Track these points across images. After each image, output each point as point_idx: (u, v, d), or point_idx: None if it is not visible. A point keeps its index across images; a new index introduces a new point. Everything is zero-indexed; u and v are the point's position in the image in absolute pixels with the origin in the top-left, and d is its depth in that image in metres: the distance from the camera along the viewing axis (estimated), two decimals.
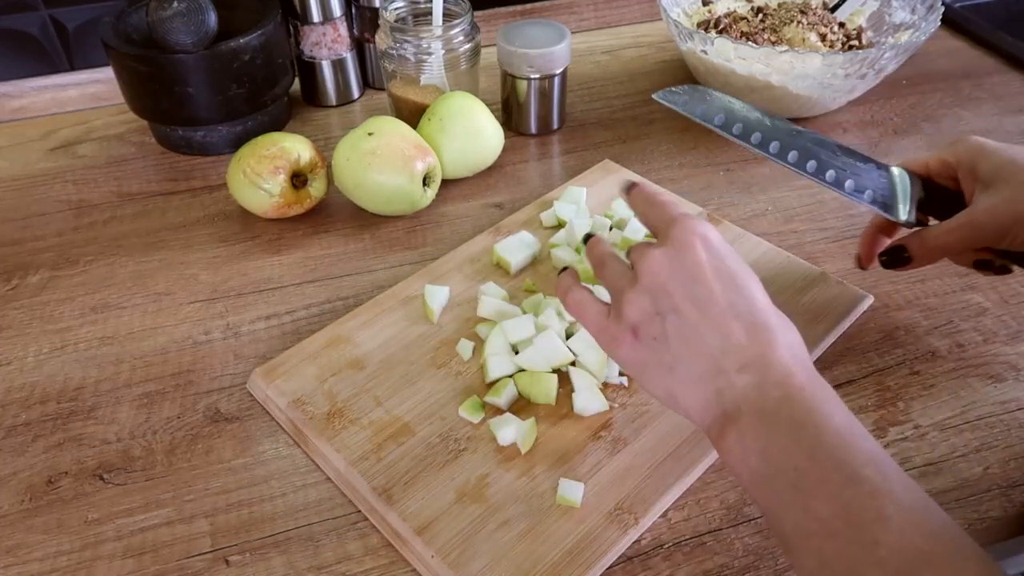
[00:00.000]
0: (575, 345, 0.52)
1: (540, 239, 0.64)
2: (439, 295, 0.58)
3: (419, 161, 0.65)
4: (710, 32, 0.80)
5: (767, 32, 0.80)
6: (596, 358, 0.51)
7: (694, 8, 0.88)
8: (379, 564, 0.45)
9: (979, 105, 0.83)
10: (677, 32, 0.77)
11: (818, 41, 0.77)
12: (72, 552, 0.46)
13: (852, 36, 0.80)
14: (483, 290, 0.58)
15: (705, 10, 0.87)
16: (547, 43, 0.73)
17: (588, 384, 0.51)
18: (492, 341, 0.53)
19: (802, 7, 0.83)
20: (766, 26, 0.80)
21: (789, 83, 0.73)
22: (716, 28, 0.81)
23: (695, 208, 0.69)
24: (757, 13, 0.83)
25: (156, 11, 0.68)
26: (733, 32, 0.80)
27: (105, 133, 0.82)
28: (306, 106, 0.86)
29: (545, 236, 0.65)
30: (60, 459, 0.51)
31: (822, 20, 0.80)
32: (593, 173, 0.72)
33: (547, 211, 0.67)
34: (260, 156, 0.65)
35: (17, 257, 0.67)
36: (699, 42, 0.75)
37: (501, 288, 0.59)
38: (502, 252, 0.61)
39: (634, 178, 0.70)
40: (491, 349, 0.53)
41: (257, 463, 0.50)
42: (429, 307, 0.57)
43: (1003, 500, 0.47)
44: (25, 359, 0.57)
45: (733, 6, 0.87)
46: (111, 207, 0.72)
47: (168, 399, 0.54)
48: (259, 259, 0.66)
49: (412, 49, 0.73)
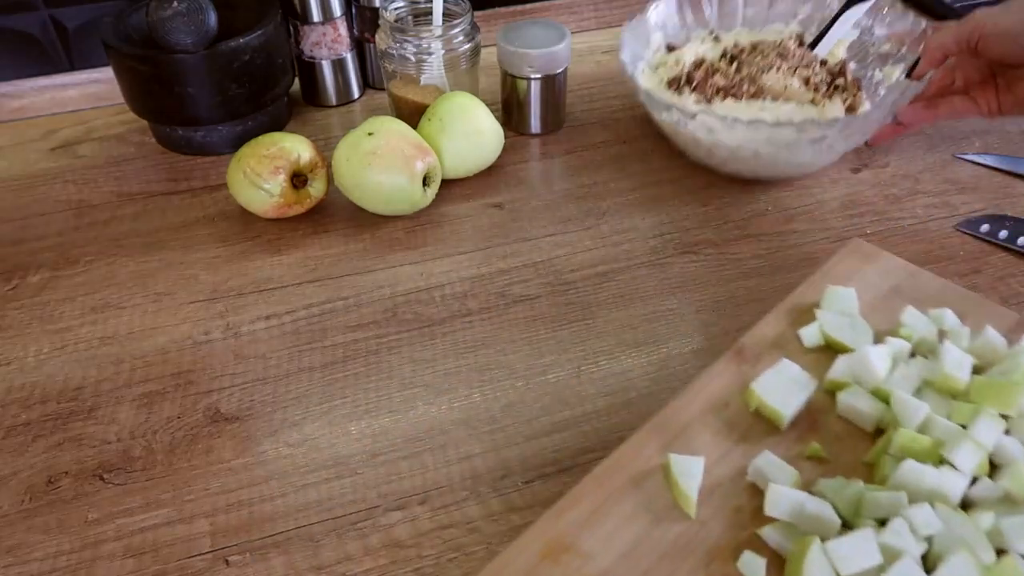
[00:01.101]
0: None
1: (810, 370, 0.45)
2: (692, 471, 0.40)
3: (419, 161, 0.65)
4: (683, 90, 0.72)
5: (745, 83, 0.71)
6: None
7: (658, 57, 0.79)
8: (379, 564, 0.45)
9: None
10: (650, 103, 0.68)
11: (801, 86, 0.71)
12: (72, 552, 0.46)
13: (836, 73, 0.73)
14: (760, 467, 0.40)
15: (672, 61, 0.77)
16: (547, 43, 0.73)
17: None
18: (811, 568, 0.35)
19: (780, 50, 0.74)
20: (743, 76, 0.72)
21: (779, 153, 0.66)
22: (689, 85, 0.72)
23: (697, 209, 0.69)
24: (731, 61, 0.75)
25: (156, 11, 0.68)
26: (708, 89, 0.71)
27: (105, 133, 0.82)
28: (306, 106, 0.86)
29: (813, 364, 0.46)
30: (60, 459, 0.51)
31: (802, 61, 0.73)
32: (845, 262, 0.53)
33: (808, 327, 0.48)
34: (260, 156, 0.65)
35: (17, 257, 0.67)
36: (677, 115, 0.66)
37: (785, 463, 0.40)
38: (766, 396, 0.43)
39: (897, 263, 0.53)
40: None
41: (257, 463, 0.50)
42: (684, 493, 0.39)
43: None
44: (25, 359, 0.57)
45: (700, 49, 0.79)
46: (111, 207, 0.72)
47: (168, 399, 0.54)
48: (259, 259, 0.66)
49: (412, 49, 0.73)
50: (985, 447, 0.39)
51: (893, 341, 0.46)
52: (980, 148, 0.76)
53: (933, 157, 0.75)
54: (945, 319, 0.48)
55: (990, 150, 0.76)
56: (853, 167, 0.74)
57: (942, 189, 0.71)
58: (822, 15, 0.78)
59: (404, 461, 0.50)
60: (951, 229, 0.66)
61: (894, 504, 0.37)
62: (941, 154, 0.76)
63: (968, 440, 0.39)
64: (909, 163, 0.75)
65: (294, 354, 0.57)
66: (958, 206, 0.69)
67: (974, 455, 0.38)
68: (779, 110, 0.69)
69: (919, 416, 0.41)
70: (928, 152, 0.76)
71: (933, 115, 0.65)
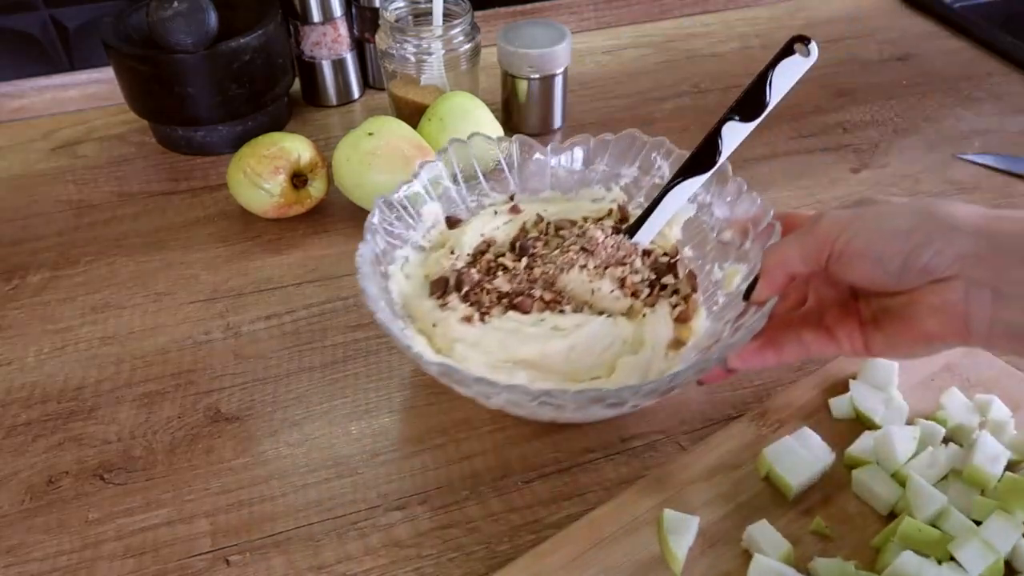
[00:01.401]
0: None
1: (831, 439, 0.43)
2: (686, 530, 0.39)
3: (419, 161, 0.65)
4: (449, 298, 0.52)
5: (538, 287, 0.52)
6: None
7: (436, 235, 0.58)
8: (379, 564, 0.45)
9: (979, 105, 0.83)
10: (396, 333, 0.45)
11: (616, 291, 0.52)
12: (72, 552, 0.46)
13: (664, 268, 0.54)
14: (754, 535, 0.39)
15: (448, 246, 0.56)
16: (547, 43, 0.73)
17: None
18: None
19: (585, 242, 0.53)
20: (535, 278, 0.53)
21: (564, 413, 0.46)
22: (458, 291, 0.52)
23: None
24: (520, 255, 0.55)
25: (156, 11, 0.68)
26: (487, 295, 0.52)
27: (105, 133, 0.82)
28: (306, 106, 0.86)
29: (837, 434, 0.43)
30: (60, 459, 0.51)
31: (614, 255, 0.53)
32: None
33: (839, 397, 0.45)
34: (260, 156, 0.65)
35: (17, 257, 0.67)
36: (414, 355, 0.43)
37: (779, 535, 0.39)
38: (776, 464, 0.41)
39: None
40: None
41: (257, 463, 0.50)
42: (672, 551, 0.38)
43: None
44: (25, 359, 0.57)
45: (489, 226, 0.58)
46: (111, 207, 0.72)
47: (168, 399, 0.54)
48: (259, 259, 0.66)
49: (412, 49, 0.73)
50: (996, 549, 0.36)
51: (924, 423, 0.43)
52: (980, 148, 0.76)
53: (933, 157, 0.75)
54: (991, 407, 0.44)
55: (990, 150, 0.76)
56: (853, 167, 0.74)
57: (942, 189, 0.71)
58: (651, 182, 0.58)
59: (404, 461, 0.50)
60: None
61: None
62: (941, 154, 0.76)
63: (977, 539, 0.36)
64: (909, 163, 0.75)
65: (294, 354, 0.57)
66: None
67: (983, 556, 0.36)
68: (578, 333, 0.49)
69: (934, 506, 0.38)
70: (928, 152, 0.76)
71: (776, 359, 0.44)
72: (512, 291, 0.52)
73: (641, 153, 0.58)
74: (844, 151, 0.77)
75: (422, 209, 0.56)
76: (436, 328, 0.50)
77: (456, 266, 0.54)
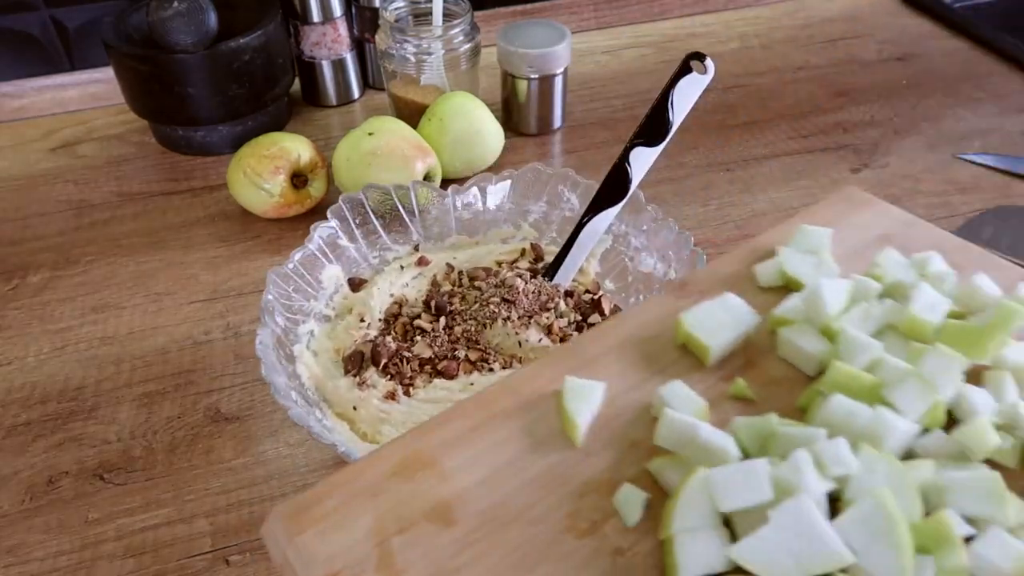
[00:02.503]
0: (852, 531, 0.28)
1: (757, 307, 0.38)
2: (589, 397, 0.34)
3: (419, 161, 0.65)
4: (366, 373, 0.48)
5: (461, 347, 0.49)
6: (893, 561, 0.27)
7: (340, 301, 0.54)
8: None
9: (979, 105, 0.83)
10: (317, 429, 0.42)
11: (543, 338, 0.50)
12: (72, 552, 0.46)
13: (588, 306, 0.52)
14: (664, 395, 0.34)
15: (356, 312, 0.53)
16: (547, 43, 0.73)
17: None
18: (687, 502, 0.29)
19: (505, 291, 0.50)
20: (456, 337, 0.50)
21: None
22: (375, 364, 0.49)
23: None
24: (438, 315, 0.51)
25: (156, 11, 0.68)
26: (408, 364, 0.48)
27: (105, 133, 0.82)
28: (306, 106, 0.86)
29: (765, 303, 0.39)
30: (60, 459, 0.51)
31: (537, 301, 0.51)
32: (834, 206, 0.46)
33: (766, 262, 0.41)
34: (260, 156, 0.65)
35: (17, 257, 0.67)
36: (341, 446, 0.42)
37: (695, 393, 0.34)
38: (694, 328, 0.37)
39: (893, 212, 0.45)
40: (684, 519, 0.29)
41: (257, 463, 0.50)
42: (571, 418, 0.34)
43: None
44: (25, 359, 0.57)
45: (397, 284, 0.55)
46: (111, 207, 0.72)
47: (168, 399, 0.54)
48: (259, 259, 0.66)
49: (412, 49, 0.73)
50: (935, 388, 0.32)
51: (859, 278, 0.38)
52: (980, 148, 0.76)
53: (933, 157, 0.75)
54: (930, 263, 0.41)
55: (990, 150, 0.76)
56: (853, 167, 0.74)
57: (942, 189, 0.71)
58: (562, 216, 0.57)
59: None
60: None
61: (808, 440, 0.30)
62: (941, 154, 0.76)
63: (914, 377, 0.32)
64: (909, 163, 0.75)
65: None
66: (958, 206, 0.69)
67: (921, 396, 0.32)
68: None
69: (867, 355, 0.35)
70: (928, 152, 0.76)
71: None
72: (435, 355, 0.49)
73: (547, 187, 0.57)
74: (844, 151, 0.77)
75: (321, 274, 0.52)
76: (358, 411, 0.46)
77: (369, 336, 0.50)
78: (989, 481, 0.29)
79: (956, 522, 0.28)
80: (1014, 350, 0.34)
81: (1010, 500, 0.29)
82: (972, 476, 0.29)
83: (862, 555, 0.27)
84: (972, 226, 0.65)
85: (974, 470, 0.30)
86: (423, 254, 0.57)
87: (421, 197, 0.56)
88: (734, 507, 0.28)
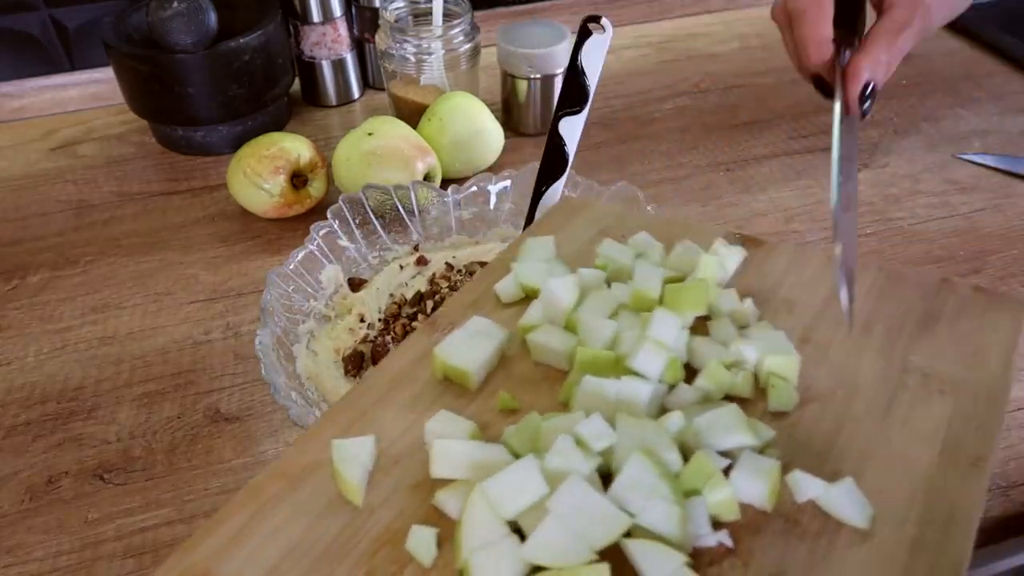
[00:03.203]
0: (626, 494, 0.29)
1: (504, 323, 0.40)
2: (359, 454, 0.33)
3: (419, 161, 0.65)
4: (365, 372, 0.48)
5: None
6: (667, 509, 0.28)
7: (339, 302, 0.53)
8: None
9: (979, 105, 0.83)
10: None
11: None
12: (72, 552, 0.46)
13: None
14: (432, 428, 0.34)
15: (355, 312, 0.52)
16: (547, 43, 0.73)
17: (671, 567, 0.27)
18: (471, 521, 0.29)
19: None
20: None
21: None
22: (375, 364, 0.49)
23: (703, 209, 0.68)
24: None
25: (156, 11, 0.68)
26: None
27: (105, 133, 0.82)
28: (306, 106, 0.86)
29: (509, 318, 0.41)
30: (60, 459, 0.50)
31: None
32: (553, 218, 0.49)
33: (503, 280, 0.43)
34: (260, 156, 0.65)
35: (17, 257, 0.67)
36: None
37: (462, 417, 0.35)
38: (451, 359, 0.37)
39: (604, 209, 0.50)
40: (472, 538, 0.28)
41: (257, 463, 0.50)
42: (346, 480, 0.32)
43: (1003, 500, 0.47)
44: (25, 359, 0.57)
45: (395, 283, 0.54)
46: (111, 207, 0.72)
47: (168, 399, 0.54)
48: (259, 259, 0.66)
49: (412, 49, 0.73)
50: (666, 345, 0.35)
51: (585, 271, 0.42)
52: (980, 148, 0.76)
53: (933, 157, 0.75)
54: (640, 241, 0.44)
55: (990, 150, 0.76)
56: None
57: (942, 189, 0.71)
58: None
59: None
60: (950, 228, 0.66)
61: (569, 425, 0.32)
62: (941, 154, 0.76)
63: (646, 340, 0.35)
64: (909, 163, 0.75)
65: None
66: (958, 206, 0.69)
67: (656, 356, 0.35)
68: None
69: (605, 335, 0.37)
70: (928, 152, 0.76)
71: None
72: None
73: None
74: None
75: (320, 274, 0.52)
76: None
77: (369, 336, 0.49)
78: (731, 413, 0.32)
79: (714, 458, 0.31)
80: (725, 298, 0.39)
81: (752, 424, 0.32)
82: (716, 414, 0.32)
83: (640, 514, 0.28)
84: None
85: (717, 408, 0.33)
86: (423, 254, 0.57)
87: (421, 197, 0.57)
88: (516, 510, 0.29)
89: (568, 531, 0.28)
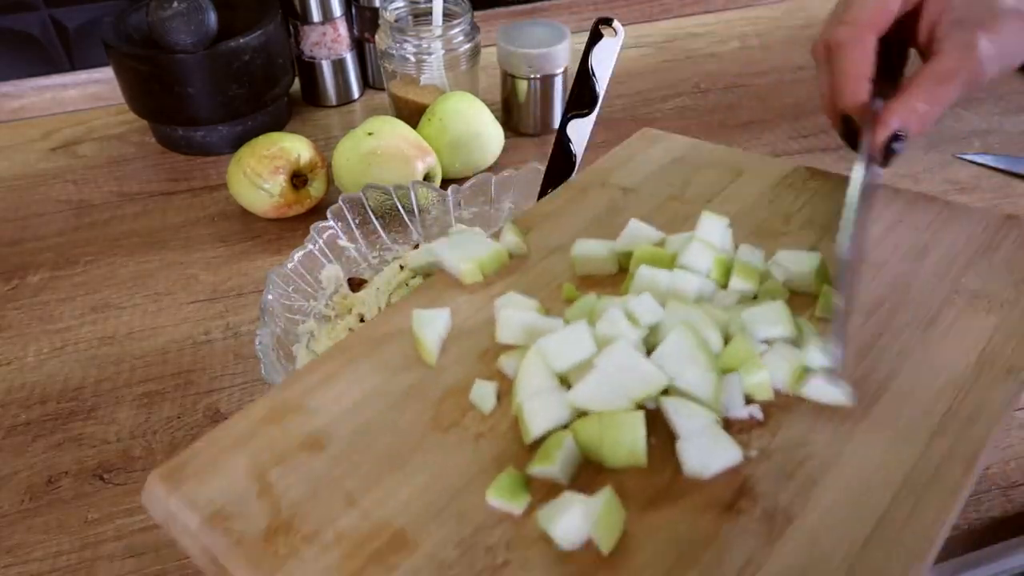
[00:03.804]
0: (666, 361, 0.32)
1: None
2: (436, 322, 0.37)
3: (419, 161, 0.65)
4: None
5: None
6: (703, 376, 0.31)
7: (339, 302, 0.53)
8: None
9: (979, 105, 0.83)
10: None
11: None
12: (72, 552, 0.46)
13: None
14: (501, 303, 0.38)
15: (355, 312, 0.52)
16: (547, 43, 0.73)
17: (701, 423, 0.31)
18: (527, 373, 0.33)
19: None
20: None
21: None
22: None
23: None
24: None
25: (156, 11, 0.68)
26: None
27: (105, 133, 0.82)
28: (306, 106, 0.86)
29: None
30: (60, 459, 0.50)
31: None
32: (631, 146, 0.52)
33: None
34: (260, 156, 0.65)
35: (17, 257, 0.67)
36: None
37: (524, 296, 0.38)
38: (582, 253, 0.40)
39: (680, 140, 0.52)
40: (527, 388, 0.33)
41: None
42: (423, 342, 0.37)
43: (1003, 500, 0.47)
44: (25, 359, 0.57)
45: (395, 282, 0.53)
46: (111, 207, 0.72)
47: (168, 399, 0.54)
48: (259, 259, 0.66)
49: (412, 49, 0.73)
50: (713, 245, 0.38)
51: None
52: (980, 148, 0.76)
53: (933, 157, 0.75)
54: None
55: (990, 150, 0.76)
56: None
57: (942, 189, 0.71)
58: None
59: None
60: None
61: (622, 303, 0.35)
62: (941, 154, 0.76)
63: (694, 241, 0.38)
64: (909, 163, 0.75)
65: None
66: None
67: (704, 254, 0.38)
68: None
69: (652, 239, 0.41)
70: (928, 152, 0.76)
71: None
72: None
73: None
74: (844, 151, 0.77)
75: (320, 274, 0.52)
76: None
77: None
78: (776, 308, 0.35)
79: (753, 343, 0.33)
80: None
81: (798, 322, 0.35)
82: (763, 308, 0.35)
83: (678, 377, 0.32)
84: None
85: (764, 303, 0.35)
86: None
87: (421, 197, 0.57)
88: (566, 366, 0.33)
89: (611, 384, 0.31)
